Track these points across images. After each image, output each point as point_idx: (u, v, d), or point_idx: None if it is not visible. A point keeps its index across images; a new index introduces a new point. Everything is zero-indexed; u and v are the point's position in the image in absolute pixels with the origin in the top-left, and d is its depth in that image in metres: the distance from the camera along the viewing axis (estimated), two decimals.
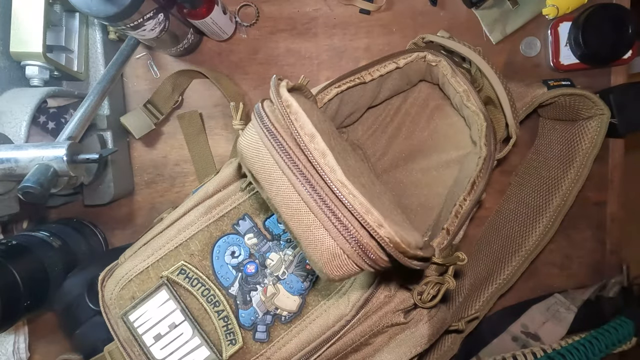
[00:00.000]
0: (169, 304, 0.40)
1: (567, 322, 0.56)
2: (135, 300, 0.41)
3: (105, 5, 0.41)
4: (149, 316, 0.41)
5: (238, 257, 0.41)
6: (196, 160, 0.60)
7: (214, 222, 0.40)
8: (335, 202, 0.27)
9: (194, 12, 0.49)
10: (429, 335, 0.41)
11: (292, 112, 0.30)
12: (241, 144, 0.31)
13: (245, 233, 0.41)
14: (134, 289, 0.41)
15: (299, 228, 0.28)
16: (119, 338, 0.42)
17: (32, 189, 0.38)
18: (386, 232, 0.27)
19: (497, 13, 0.58)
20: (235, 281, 0.40)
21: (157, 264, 0.41)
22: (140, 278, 0.41)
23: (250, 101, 0.60)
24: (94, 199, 0.56)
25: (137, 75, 0.60)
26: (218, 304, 0.40)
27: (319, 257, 0.28)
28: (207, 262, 0.40)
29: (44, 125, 0.52)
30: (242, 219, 0.41)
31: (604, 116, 0.51)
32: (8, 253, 0.47)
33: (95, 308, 0.48)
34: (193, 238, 0.40)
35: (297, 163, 0.28)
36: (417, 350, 0.41)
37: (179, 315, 0.40)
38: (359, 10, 0.58)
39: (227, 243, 0.41)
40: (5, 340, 0.57)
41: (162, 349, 0.40)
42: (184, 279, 0.40)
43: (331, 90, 0.43)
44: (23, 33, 0.48)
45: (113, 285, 0.41)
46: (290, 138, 0.29)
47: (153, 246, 0.41)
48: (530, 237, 0.55)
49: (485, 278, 0.55)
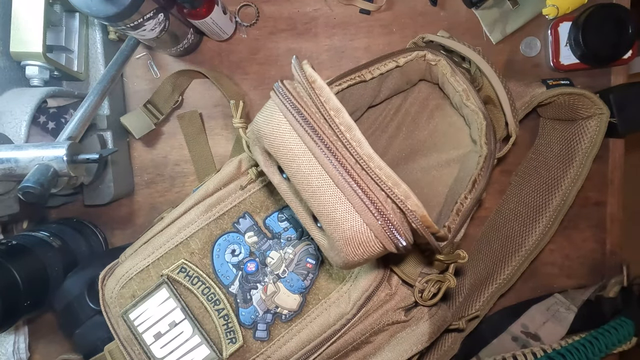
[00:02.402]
0: (169, 303, 0.40)
1: (567, 322, 0.56)
2: (135, 299, 0.41)
3: (105, 5, 0.41)
4: (149, 314, 0.41)
5: (238, 255, 0.41)
6: (196, 160, 0.60)
7: (214, 221, 0.40)
8: (363, 175, 0.27)
9: (194, 12, 0.49)
10: (429, 333, 0.41)
11: (317, 86, 0.29)
12: (258, 122, 0.31)
13: (245, 231, 0.41)
14: (134, 287, 0.41)
15: (321, 205, 0.27)
16: (119, 337, 0.42)
17: (32, 189, 0.38)
18: (413, 205, 0.26)
19: (497, 13, 0.58)
20: (236, 279, 0.40)
21: (158, 262, 0.41)
22: (141, 276, 0.41)
23: (250, 101, 0.60)
24: (94, 199, 0.56)
25: (137, 75, 0.60)
26: (218, 303, 0.40)
27: (340, 235, 0.27)
28: (208, 260, 0.40)
29: (44, 125, 0.52)
30: (243, 217, 0.41)
31: (603, 115, 0.51)
32: (8, 253, 0.47)
33: (95, 307, 0.48)
34: (193, 236, 0.40)
35: (322, 137, 0.28)
36: (418, 348, 0.41)
37: (179, 313, 0.40)
38: (359, 10, 0.59)
39: (228, 241, 0.41)
40: (5, 340, 0.57)
41: (162, 347, 0.40)
42: (185, 277, 0.40)
43: (332, 89, 0.43)
44: (23, 33, 0.48)
45: (113, 283, 0.41)
46: (315, 111, 0.29)
47: (153, 244, 0.41)
48: (530, 237, 0.55)
49: (486, 278, 0.55)
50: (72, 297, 0.49)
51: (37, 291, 0.48)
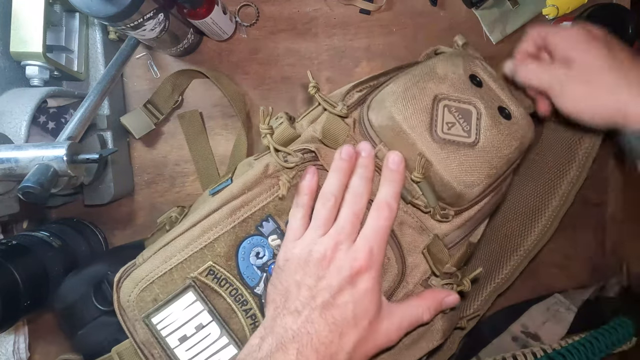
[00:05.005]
0: (196, 306, 0.40)
1: (567, 322, 0.56)
2: (158, 303, 0.41)
3: (105, 5, 0.41)
4: (174, 318, 0.41)
5: (262, 257, 0.41)
6: (197, 159, 0.60)
7: (239, 224, 0.40)
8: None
9: (194, 12, 0.49)
10: (443, 331, 0.42)
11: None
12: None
13: (269, 234, 0.41)
14: (156, 291, 0.41)
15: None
16: (136, 340, 0.41)
17: (32, 189, 0.38)
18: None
19: (497, 13, 0.58)
20: (261, 281, 0.41)
21: (182, 265, 0.40)
22: (163, 280, 0.40)
23: (250, 101, 0.60)
24: (94, 199, 0.56)
25: (137, 75, 0.60)
26: (246, 303, 0.40)
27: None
28: (233, 262, 0.40)
29: (44, 125, 0.52)
30: (266, 221, 0.41)
31: None
32: (8, 253, 0.47)
33: (102, 308, 0.48)
34: (219, 239, 0.40)
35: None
36: (433, 344, 0.42)
37: (207, 316, 0.40)
38: (359, 10, 0.59)
39: (252, 244, 0.41)
40: (5, 340, 0.57)
41: (187, 350, 0.40)
42: (213, 279, 0.40)
43: (354, 95, 0.43)
44: (23, 33, 0.48)
45: (131, 286, 0.41)
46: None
47: (175, 247, 0.41)
48: (529, 237, 0.55)
49: (484, 277, 0.56)
50: (75, 297, 0.49)
51: (37, 291, 0.48)
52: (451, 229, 0.41)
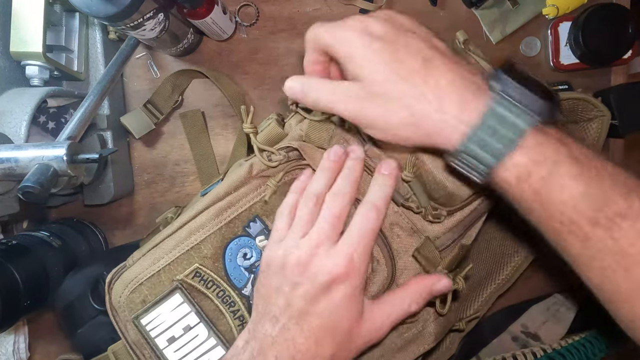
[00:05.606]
0: (183, 307, 0.41)
1: (567, 322, 0.56)
2: (146, 304, 0.41)
3: (105, 5, 0.41)
4: (162, 319, 0.41)
5: (250, 258, 0.41)
6: (198, 159, 0.60)
7: (225, 225, 0.40)
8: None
9: (194, 12, 0.49)
10: (435, 334, 0.42)
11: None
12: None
13: (256, 235, 0.41)
14: (145, 292, 0.41)
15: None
16: (128, 340, 0.42)
17: (32, 189, 0.38)
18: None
19: (497, 13, 0.58)
20: (248, 282, 0.41)
21: (169, 267, 0.40)
22: (152, 281, 0.41)
23: (250, 101, 0.60)
24: (94, 199, 0.56)
25: (137, 75, 0.60)
26: (233, 304, 0.40)
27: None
28: (220, 264, 0.40)
29: (44, 125, 0.52)
30: (253, 221, 0.41)
31: (605, 117, 0.51)
32: (8, 253, 0.47)
33: (99, 308, 0.48)
34: (205, 241, 0.40)
35: None
36: (425, 348, 0.41)
37: (194, 317, 0.40)
38: (359, 11, 0.58)
39: (239, 245, 0.41)
40: (5, 340, 0.57)
41: (175, 351, 0.40)
42: (199, 281, 0.40)
43: None
44: (23, 33, 0.48)
45: (121, 288, 0.41)
46: None
47: (163, 249, 0.41)
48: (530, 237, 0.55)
49: (484, 277, 0.55)
50: (74, 296, 0.49)
51: (37, 291, 0.48)
52: (443, 231, 0.40)
